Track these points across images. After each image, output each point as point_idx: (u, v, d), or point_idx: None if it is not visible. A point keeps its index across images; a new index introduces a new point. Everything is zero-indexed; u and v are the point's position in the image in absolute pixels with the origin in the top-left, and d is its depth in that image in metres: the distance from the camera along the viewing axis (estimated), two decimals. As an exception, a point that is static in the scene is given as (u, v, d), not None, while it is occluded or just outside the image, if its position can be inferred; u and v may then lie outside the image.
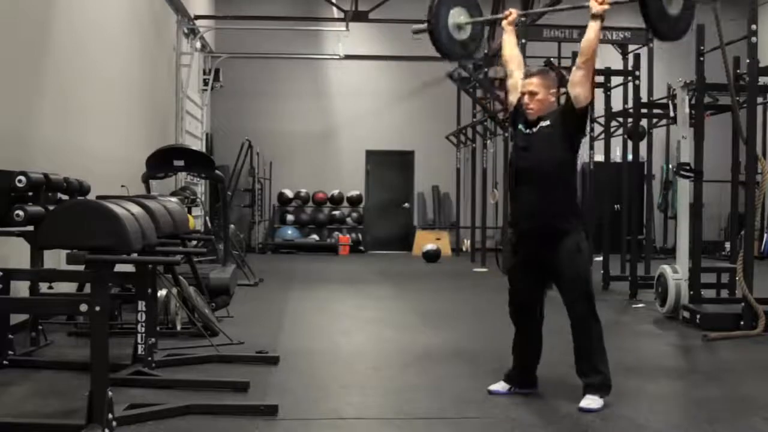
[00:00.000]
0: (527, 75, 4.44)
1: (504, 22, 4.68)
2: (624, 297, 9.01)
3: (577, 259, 4.29)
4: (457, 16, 4.74)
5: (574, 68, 4.32)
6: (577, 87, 4.29)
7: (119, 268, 4.13)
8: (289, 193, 16.60)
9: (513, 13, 4.67)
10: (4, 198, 4.85)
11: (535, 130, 4.39)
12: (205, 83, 14.99)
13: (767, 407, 4.47)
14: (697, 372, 5.59)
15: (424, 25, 4.70)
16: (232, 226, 10.92)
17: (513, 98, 4.58)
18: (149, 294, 4.81)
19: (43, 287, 5.70)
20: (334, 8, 14.44)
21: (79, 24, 7.85)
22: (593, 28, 4.30)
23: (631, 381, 4.90)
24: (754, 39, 6.69)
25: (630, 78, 10.33)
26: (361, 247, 16.63)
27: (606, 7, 4.30)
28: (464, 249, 16.29)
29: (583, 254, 4.31)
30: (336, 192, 16.69)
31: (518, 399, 4.44)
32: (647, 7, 4.04)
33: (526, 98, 4.40)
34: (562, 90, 4.57)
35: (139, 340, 4.79)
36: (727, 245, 12.42)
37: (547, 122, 4.38)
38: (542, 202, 4.32)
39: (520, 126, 4.49)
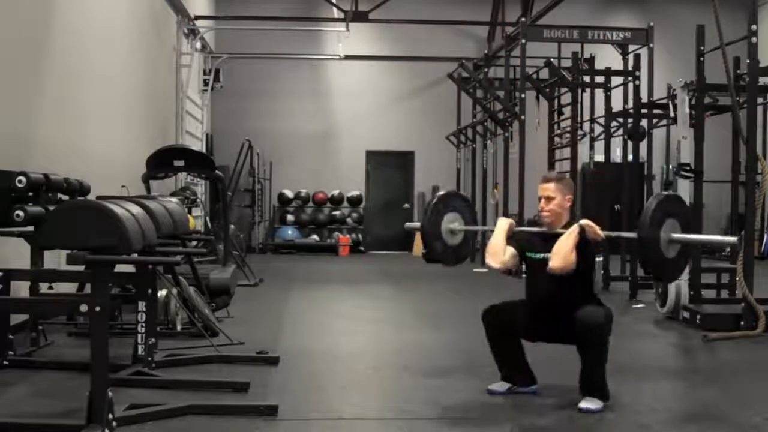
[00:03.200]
0: (544, 180, 4.48)
1: (498, 232, 4.59)
2: (624, 297, 9.01)
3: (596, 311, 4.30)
4: (450, 221, 4.77)
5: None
6: (558, 257, 4.26)
7: (119, 268, 4.12)
8: (289, 194, 16.60)
9: (508, 225, 4.58)
10: (4, 198, 4.85)
11: (542, 257, 4.40)
12: (205, 83, 14.99)
13: (767, 407, 4.48)
14: (697, 372, 5.59)
15: (417, 225, 4.74)
16: (232, 226, 10.91)
17: (510, 257, 4.55)
18: (149, 294, 4.81)
19: (43, 287, 5.70)
20: (334, 8, 14.44)
21: (79, 24, 7.85)
22: (572, 236, 4.26)
23: (631, 381, 4.91)
24: (754, 39, 6.70)
25: (630, 78, 10.33)
26: (361, 248, 16.63)
27: (599, 232, 4.27)
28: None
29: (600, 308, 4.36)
30: (336, 192, 16.68)
31: (518, 399, 4.44)
32: (647, 260, 4.05)
33: (542, 203, 4.44)
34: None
35: (139, 341, 4.79)
36: (727, 245, 12.41)
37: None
38: (557, 322, 4.36)
39: (529, 254, 4.53)
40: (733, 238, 4.06)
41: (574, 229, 4.29)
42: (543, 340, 4.54)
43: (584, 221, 4.34)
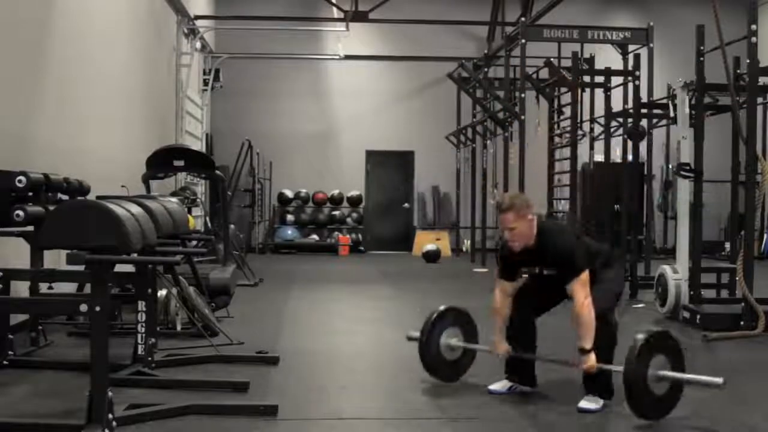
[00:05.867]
0: (500, 209, 4.44)
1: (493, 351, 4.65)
2: (624, 297, 9.00)
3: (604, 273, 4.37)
4: (450, 336, 4.77)
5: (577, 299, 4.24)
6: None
7: (119, 268, 4.12)
8: (289, 193, 16.59)
9: (503, 352, 4.58)
10: (4, 198, 4.85)
11: (532, 269, 4.52)
12: (205, 83, 14.99)
13: (767, 407, 4.48)
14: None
15: (417, 334, 4.76)
16: (232, 226, 10.91)
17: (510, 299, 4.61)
18: (149, 294, 4.82)
19: (43, 287, 5.70)
20: (334, 8, 14.44)
21: (79, 24, 7.85)
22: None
23: (631, 381, 4.90)
24: (754, 39, 6.69)
25: (630, 78, 10.33)
26: (361, 248, 16.62)
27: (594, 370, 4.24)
28: (464, 249, 16.29)
29: (610, 270, 4.42)
30: (336, 192, 16.68)
31: (518, 399, 4.44)
32: (632, 387, 4.03)
33: (507, 234, 4.42)
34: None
35: (139, 340, 4.79)
36: (727, 245, 12.41)
37: (547, 271, 4.48)
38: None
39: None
40: (719, 380, 4.00)
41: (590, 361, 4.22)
42: (554, 293, 4.48)
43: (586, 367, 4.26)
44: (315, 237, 16.68)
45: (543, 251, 4.37)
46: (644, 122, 10.55)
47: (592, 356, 4.19)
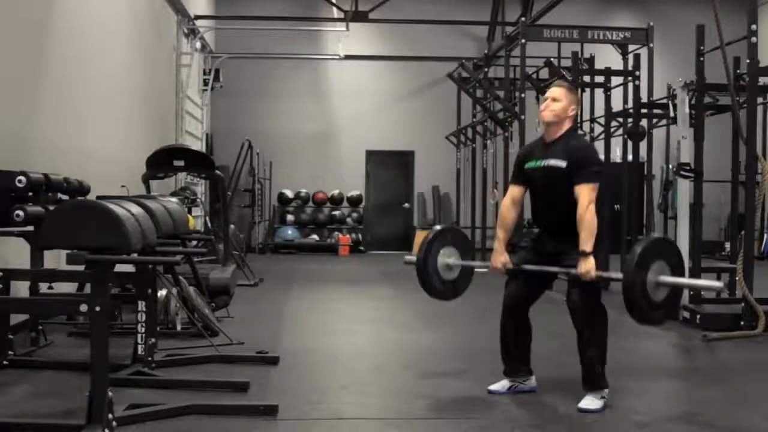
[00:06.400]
0: (556, 84, 4.53)
1: (493, 270, 4.61)
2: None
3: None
4: (447, 256, 4.76)
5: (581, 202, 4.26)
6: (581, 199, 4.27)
7: (119, 268, 4.12)
8: (289, 194, 16.59)
9: (500, 265, 4.57)
10: (4, 198, 4.85)
11: (542, 164, 4.43)
12: (205, 83, 14.99)
13: (767, 407, 4.48)
14: (697, 372, 5.59)
15: (413, 258, 4.75)
16: (232, 226, 10.92)
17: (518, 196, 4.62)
18: (149, 294, 4.81)
19: (43, 287, 5.70)
20: (334, 8, 14.45)
21: (78, 24, 7.85)
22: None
23: (631, 381, 4.91)
24: (754, 39, 6.69)
25: (630, 78, 10.34)
26: (361, 248, 16.63)
27: (593, 276, 4.19)
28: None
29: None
30: (336, 192, 16.68)
31: (518, 399, 4.44)
32: (631, 295, 4.01)
33: (548, 102, 4.44)
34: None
35: (139, 340, 4.79)
36: (727, 245, 12.41)
37: (557, 160, 4.39)
38: (561, 227, 4.38)
39: (528, 164, 4.55)
40: (719, 284, 3.98)
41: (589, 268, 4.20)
42: (547, 274, 4.47)
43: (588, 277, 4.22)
44: (315, 237, 16.68)
45: (564, 146, 4.35)
46: (644, 122, 10.55)
47: (591, 260, 4.16)
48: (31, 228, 5.02)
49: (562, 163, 4.34)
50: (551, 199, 4.44)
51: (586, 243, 4.18)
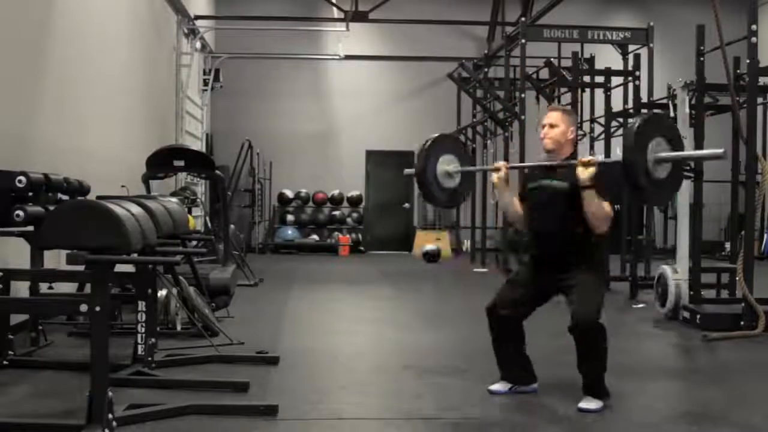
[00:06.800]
0: (551, 109, 4.52)
1: (495, 180, 4.58)
2: (624, 297, 9.01)
3: (593, 278, 4.31)
4: (446, 164, 4.76)
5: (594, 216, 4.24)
6: (597, 222, 4.25)
7: (119, 268, 4.12)
8: (289, 194, 16.60)
9: (502, 168, 4.56)
10: (4, 198, 4.85)
11: (544, 183, 4.41)
12: (205, 83, 14.99)
13: (767, 407, 4.48)
14: (697, 372, 5.59)
15: (413, 170, 4.74)
16: (232, 226, 10.91)
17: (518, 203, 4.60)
18: (149, 294, 4.81)
19: (43, 287, 5.70)
20: (334, 8, 14.45)
21: (78, 24, 7.85)
22: (589, 199, 4.21)
23: (632, 381, 4.90)
24: (754, 39, 6.69)
25: (630, 78, 10.33)
26: (361, 248, 16.63)
27: (592, 171, 4.17)
28: (464, 249, 16.29)
29: (599, 283, 4.38)
30: (336, 192, 16.68)
31: (518, 399, 4.44)
32: (637, 184, 4.00)
33: (545, 129, 4.43)
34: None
35: (139, 340, 4.79)
36: (727, 245, 12.41)
37: (559, 181, 4.39)
38: (561, 248, 4.34)
39: (528, 185, 4.55)
40: (719, 150, 3.93)
41: (591, 193, 4.17)
42: (543, 295, 4.46)
43: (584, 175, 4.18)
44: (315, 237, 16.68)
45: (567, 171, 4.32)
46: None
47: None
48: (31, 228, 5.02)
49: (564, 184, 4.35)
50: (551, 220, 4.40)
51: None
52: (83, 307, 3.44)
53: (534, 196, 4.51)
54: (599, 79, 10.96)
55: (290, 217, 16.64)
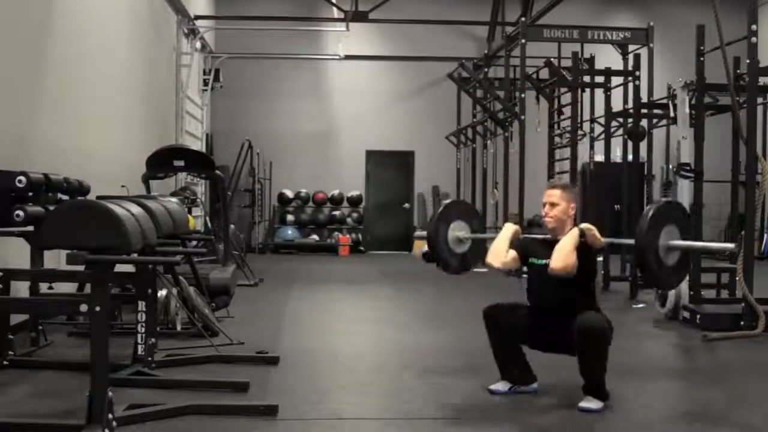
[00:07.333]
0: (551, 186, 4.57)
1: (509, 229, 4.68)
2: (624, 297, 9.01)
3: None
4: (457, 230, 4.85)
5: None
6: (557, 257, 4.29)
7: (119, 268, 4.13)
8: (289, 194, 16.60)
9: (512, 230, 4.66)
10: (4, 198, 4.85)
11: (544, 263, 4.41)
12: (205, 83, 14.99)
13: (767, 407, 4.48)
14: (697, 372, 5.59)
15: (425, 233, 4.87)
16: (232, 226, 10.91)
17: (511, 259, 4.61)
18: (149, 294, 4.81)
19: (43, 287, 5.70)
20: (334, 8, 14.44)
21: (78, 24, 7.85)
22: (569, 239, 4.30)
23: (632, 381, 4.90)
24: (754, 39, 6.69)
25: (630, 78, 10.33)
26: (361, 248, 16.63)
27: (591, 230, 4.34)
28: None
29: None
30: (336, 192, 16.68)
31: (518, 399, 4.44)
32: (647, 268, 4.09)
33: (546, 208, 4.49)
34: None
35: (139, 340, 4.79)
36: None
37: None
38: (559, 328, 4.34)
39: (532, 259, 4.58)
40: (731, 245, 4.08)
41: (574, 231, 4.33)
42: (544, 349, 4.54)
43: (584, 225, 4.38)
44: (315, 237, 16.68)
45: None
46: (644, 122, 10.54)
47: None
48: (31, 228, 5.02)
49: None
50: (551, 294, 4.43)
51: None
52: (83, 307, 3.45)
53: (535, 271, 4.57)
54: (599, 79, 10.96)
55: (290, 217, 16.64)
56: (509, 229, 4.69)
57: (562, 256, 4.25)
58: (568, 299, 4.33)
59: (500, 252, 4.58)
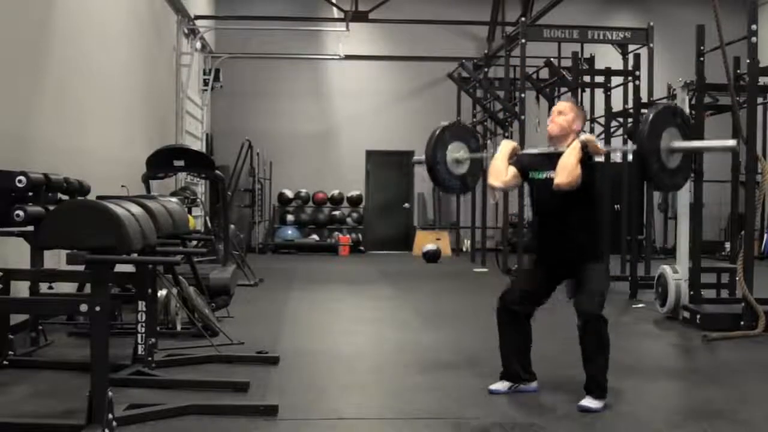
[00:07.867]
0: (562, 99, 4.57)
1: (507, 145, 4.67)
2: (624, 297, 9.01)
3: (599, 275, 4.35)
4: (455, 151, 4.83)
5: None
6: (561, 172, 4.30)
7: (119, 268, 4.13)
8: (289, 193, 16.60)
9: (510, 147, 4.65)
10: (4, 198, 4.85)
11: (545, 176, 4.43)
12: (205, 83, 14.99)
13: (767, 407, 4.48)
14: (697, 372, 5.59)
15: (422, 158, 4.82)
16: (232, 226, 10.92)
17: (512, 177, 4.61)
18: (149, 294, 4.81)
19: (43, 287, 5.70)
20: (334, 8, 14.45)
21: (78, 24, 7.85)
22: (571, 151, 4.32)
23: (631, 381, 4.90)
24: (754, 39, 6.70)
25: (630, 78, 10.34)
26: (361, 248, 16.63)
27: (592, 140, 4.40)
28: (464, 249, 16.29)
29: (603, 273, 4.42)
30: (336, 192, 16.68)
31: (518, 399, 4.44)
32: (648, 168, 4.11)
33: (553, 115, 4.50)
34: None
35: (139, 340, 4.79)
36: (727, 245, 12.42)
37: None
38: (564, 241, 4.39)
39: (532, 173, 4.57)
40: (731, 142, 4.09)
41: (576, 145, 4.33)
42: (552, 279, 4.52)
43: (585, 137, 4.39)
44: (315, 237, 16.68)
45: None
46: (644, 122, 10.53)
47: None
48: (31, 228, 5.02)
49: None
50: (555, 209, 4.43)
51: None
52: (83, 307, 3.45)
53: (537, 186, 4.55)
54: (599, 79, 10.96)
55: (290, 217, 16.64)
56: (507, 145, 4.67)
57: (567, 171, 4.26)
58: (570, 209, 4.35)
59: (500, 171, 4.57)
